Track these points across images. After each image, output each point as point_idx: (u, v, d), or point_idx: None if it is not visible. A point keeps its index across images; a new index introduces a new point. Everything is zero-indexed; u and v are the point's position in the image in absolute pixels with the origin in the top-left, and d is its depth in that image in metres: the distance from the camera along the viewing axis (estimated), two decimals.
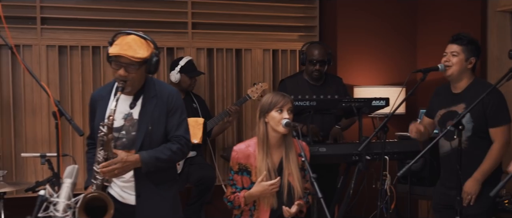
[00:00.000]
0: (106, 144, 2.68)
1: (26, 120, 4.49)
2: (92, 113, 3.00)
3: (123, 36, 2.80)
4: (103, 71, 4.64)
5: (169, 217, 2.95)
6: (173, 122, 2.88)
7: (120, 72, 2.74)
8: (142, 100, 2.86)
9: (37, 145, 4.50)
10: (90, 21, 4.65)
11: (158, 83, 2.97)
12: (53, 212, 2.27)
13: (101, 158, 2.68)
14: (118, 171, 2.71)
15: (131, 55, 2.71)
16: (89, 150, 3.07)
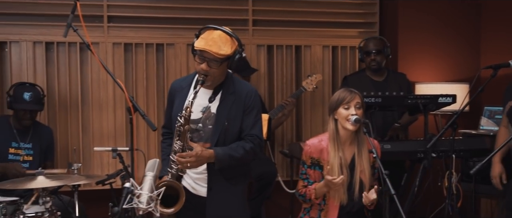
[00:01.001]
0: (182, 134, 2.74)
1: (93, 115, 4.64)
2: (171, 102, 3.06)
3: (210, 31, 2.84)
4: (167, 68, 4.74)
5: (238, 211, 3.01)
6: (249, 121, 2.93)
7: (202, 66, 2.80)
8: (221, 96, 2.92)
9: (103, 139, 4.64)
10: (154, 19, 4.76)
11: (237, 80, 3.01)
12: (137, 203, 2.35)
13: (178, 147, 2.75)
14: (191, 164, 2.77)
15: (215, 52, 2.75)
16: (165, 140, 3.15)
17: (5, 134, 3.92)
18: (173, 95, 3.06)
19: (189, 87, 2.99)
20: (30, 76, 4.46)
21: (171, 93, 3.08)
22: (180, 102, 2.96)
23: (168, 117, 3.10)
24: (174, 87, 3.08)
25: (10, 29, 4.47)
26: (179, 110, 2.91)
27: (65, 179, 3.23)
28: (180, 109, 2.91)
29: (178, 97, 3.00)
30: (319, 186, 3.07)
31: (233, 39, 2.86)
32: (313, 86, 4.57)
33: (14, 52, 4.49)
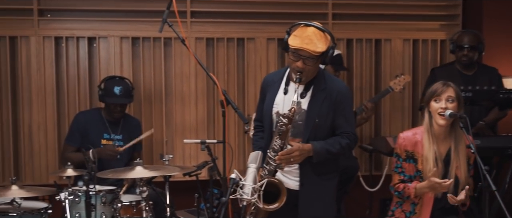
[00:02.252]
0: (284, 133, 2.77)
1: (176, 108, 4.76)
2: (263, 95, 3.11)
3: (303, 28, 2.85)
4: (247, 62, 4.80)
5: (328, 207, 3.02)
6: (342, 119, 2.94)
7: (298, 64, 2.81)
8: (312, 92, 2.93)
9: (185, 132, 4.76)
10: (235, 14, 4.82)
11: (328, 76, 3.02)
12: (241, 194, 2.40)
13: (278, 146, 2.78)
14: (294, 159, 2.81)
15: (312, 50, 2.77)
16: (256, 133, 3.19)
17: (98, 125, 4.08)
18: (265, 89, 3.09)
19: (280, 82, 3.03)
20: (117, 70, 4.62)
21: (263, 88, 3.12)
22: (271, 97, 3.01)
23: (260, 111, 3.15)
24: (267, 81, 3.12)
25: (99, 25, 4.65)
26: (269, 104, 2.95)
27: (162, 170, 3.33)
28: (270, 103, 2.95)
29: (269, 92, 3.04)
30: (420, 186, 3.02)
31: (326, 35, 2.87)
32: (400, 87, 4.49)
33: (102, 47, 4.66)
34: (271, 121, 2.98)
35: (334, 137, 2.94)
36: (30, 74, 4.56)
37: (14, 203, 3.21)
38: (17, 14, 4.56)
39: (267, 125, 3.00)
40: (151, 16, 4.71)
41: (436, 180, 2.90)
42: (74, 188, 3.25)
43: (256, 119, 3.21)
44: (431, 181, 2.92)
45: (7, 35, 4.52)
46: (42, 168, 4.63)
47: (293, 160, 2.82)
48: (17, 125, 4.61)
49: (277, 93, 3.00)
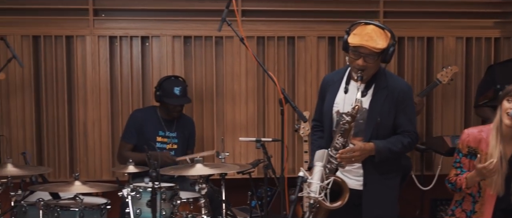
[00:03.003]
0: (346, 131, 2.77)
1: (226, 107, 4.79)
2: (322, 95, 3.12)
3: (362, 26, 2.88)
4: (297, 61, 4.80)
5: (392, 206, 3.01)
6: (404, 117, 2.93)
7: (358, 62, 2.82)
8: (373, 90, 2.92)
9: (236, 130, 4.79)
10: (286, 13, 4.83)
11: (389, 74, 3.02)
12: (308, 192, 2.41)
13: (340, 144, 2.78)
14: (355, 159, 2.81)
15: (372, 46, 2.78)
16: (315, 132, 3.20)
17: (153, 123, 4.15)
18: (324, 89, 3.10)
19: (340, 81, 3.04)
20: (169, 69, 4.68)
21: (323, 88, 3.13)
22: (331, 96, 3.01)
23: (319, 111, 3.16)
24: (327, 81, 3.13)
25: (152, 25, 4.72)
26: (330, 104, 2.96)
27: (222, 167, 3.37)
28: (331, 103, 2.96)
29: (329, 91, 3.04)
30: (470, 176, 2.99)
31: (386, 32, 2.87)
32: (448, 78, 4.44)
33: (154, 46, 4.73)
34: (331, 120, 2.98)
35: (395, 135, 2.92)
36: (85, 73, 4.67)
37: (77, 198, 3.30)
38: (73, 14, 4.67)
39: (327, 125, 3.00)
40: (203, 15, 4.76)
41: (481, 165, 2.84)
42: (135, 184, 3.32)
43: (315, 118, 3.23)
44: (478, 168, 2.88)
45: (64, 34, 4.63)
46: (96, 165, 4.73)
47: (354, 159, 2.83)
48: (72, 122, 4.72)
49: (338, 93, 3.00)
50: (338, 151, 2.78)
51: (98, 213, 3.44)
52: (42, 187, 3.36)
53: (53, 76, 4.65)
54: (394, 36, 2.90)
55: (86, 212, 3.36)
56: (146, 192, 3.32)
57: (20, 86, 4.60)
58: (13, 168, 3.42)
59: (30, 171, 3.53)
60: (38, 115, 4.70)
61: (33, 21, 4.62)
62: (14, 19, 4.60)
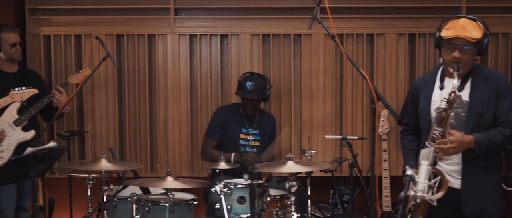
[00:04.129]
0: (444, 120, 2.73)
1: (304, 104, 4.79)
2: (412, 98, 3.09)
3: (454, 20, 2.88)
4: (376, 58, 4.75)
5: (494, 201, 2.93)
6: (504, 107, 2.86)
7: (454, 54, 2.81)
8: (471, 83, 2.90)
9: (313, 128, 4.79)
10: (365, 10, 4.78)
11: (484, 68, 3.00)
12: (414, 191, 2.38)
13: (437, 135, 2.74)
14: (452, 150, 2.76)
15: (468, 36, 2.77)
16: (405, 136, 3.16)
17: (237, 120, 4.20)
18: (417, 92, 3.07)
19: (433, 81, 3.01)
20: (247, 67, 4.72)
21: (414, 91, 3.10)
22: (426, 96, 2.98)
23: (409, 114, 3.14)
24: (418, 84, 3.11)
25: (231, 23, 4.78)
26: (426, 103, 2.93)
27: (314, 165, 3.38)
28: (427, 103, 2.93)
29: (423, 92, 3.01)
30: None
31: (478, 23, 2.87)
32: None
33: (233, 44, 4.78)
34: (429, 119, 2.94)
35: (495, 128, 2.86)
36: (166, 71, 4.77)
37: (169, 194, 3.37)
38: (155, 13, 4.78)
39: (425, 125, 2.95)
40: (281, 13, 4.78)
41: None
42: (226, 180, 3.37)
43: (405, 122, 3.19)
44: None
45: (146, 33, 4.74)
46: (175, 161, 4.83)
47: (452, 151, 2.77)
48: (153, 119, 4.84)
49: (433, 91, 2.97)
50: (436, 142, 2.74)
51: (186, 209, 3.51)
52: (137, 182, 3.45)
53: (135, 74, 4.77)
54: (487, 28, 2.87)
55: (175, 207, 3.43)
56: (237, 189, 3.37)
57: (103, 84, 4.75)
58: (107, 163, 3.53)
59: (123, 166, 3.64)
60: (121, 112, 4.83)
61: (117, 21, 4.76)
62: (99, 19, 4.75)
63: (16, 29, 4.07)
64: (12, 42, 3.97)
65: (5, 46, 3.96)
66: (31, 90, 3.70)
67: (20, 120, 3.91)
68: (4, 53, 3.99)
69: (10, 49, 3.97)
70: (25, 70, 4.21)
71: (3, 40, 3.95)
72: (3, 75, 4.01)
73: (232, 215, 3.32)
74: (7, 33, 3.96)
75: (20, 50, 4.06)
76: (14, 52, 4.00)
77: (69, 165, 3.74)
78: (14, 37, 3.99)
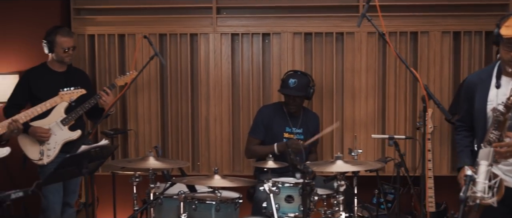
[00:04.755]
0: (501, 124, 2.67)
1: (346, 103, 4.76)
2: (467, 96, 3.03)
3: None
4: (419, 56, 4.69)
5: None
6: None
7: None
8: None
9: (355, 127, 4.76)
10: (409, 8, 4.73)
11: None
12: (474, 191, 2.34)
13: (494, 138, 2.69)
14: (510, 154, 2.69)
15: None
16: (459, 131, 3.12)
17: (281, 118, 4.19)
18: (471, 90, 3.01)
19: (489, 79, 2.94)
20: (289, 66, 4.71)
21: (469, 89, 3.04)
22: (482, 95, 2.92)
23: (463, 111, 3.09)
24: (472, 81, 3.04)
25: (272, 22, 4.77)
26: (482, 102, 2.87)
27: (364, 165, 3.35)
28: (483, 101, 2.86)
29: (479, 91, 2.95)
30: None
31: None
32: None
33: (275, 43, 4.78)
34: (485, 119, 2.88)
35: None
36: (208, 70, 4.79)
37: (217, 192, 3.38)
38: (198, 12, 4.81)
39: (480, 124, 2.90)
40: (323, 11, 4.76)
41: None
42: (274, 179, 3.36)
43: (459, 119, 3.14)
44: None
45: (188, 32, 4.77)
46: (217, 159, 4.85)
47: (509, 154, 2.71)
48: (195, 117, 4.87)
49: (489, 90, 2.91)
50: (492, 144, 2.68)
51: (232, 207, 3.52)
52: (185, 180, 3.47)
53: (177, 73, 4.81)
54: None
55: (221, 206, 3.44)
56: (285, 188, 3.37)
57: (146, 83, 4.79)
58: (155, 161, 3.56)
59: (170, 164, 3.66)
60: (163, 110, 4.87)
61: (160, 20, 4.80)
62: (142, 19, 4.80)
63: (71, 33, 4.14)
64: (66, 47, 4.04)
65: (58, 49, 4.03)
66: (79, 91, 3.77)
67: (67, 119, 3.98)
68: (56, 55, 4.06)
69: (62, 52, 4.04)
70: (73, 70, 4.26)
71: (57, 44, 4.02)
72: (53, 74, 4.09)
73: (280, 214, 3.32)
74: (62, 37, 4.03)
75: (72, 54, 4.12)
76: (65, 56, 4.07)
77: (117, 163, 3.78)
78: (68, 42, 4.05)
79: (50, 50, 4.05)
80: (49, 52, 4.08)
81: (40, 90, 3.98)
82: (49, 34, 4.05)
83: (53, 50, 4.04)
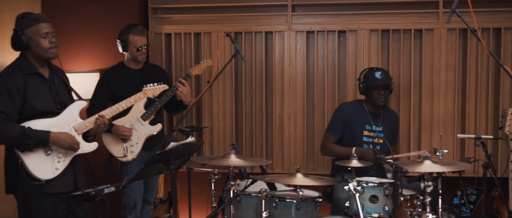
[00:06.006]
0: None
1: (424, 102, 4.65)
2: None
3: None
4: (503, 53, 4.53)
5: None
6: None
7: None
8: None
9: (434, 126, 4.64)
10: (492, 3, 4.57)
11: None
12: None
13: None
14: None
15: None
16: None
17: (360, 116, 4.13)
18: None
19: None
20: (365, 63, 4.64)
21: None
22: None
23: None
24: None
25: (348, 19, 4.71)
26: None
27: (453, 165, 3.26)
28: None
29: None
30: None
31: None
32: None
33: (351, 40, 4.71)
34: None
35: None
36: (282, 68, 4.78)
37: (299, 190, 3.37)
38: (273, 10, 4.81)
39: None
40: (401, 8, 4.66)
41: None
42: (358, 178, 3.32)
43: None
44: None
45: (263, 30, 4.78)
46: (290, 157, 4.84)
47: None
48: (268, 115, 4.87)
49: None
50: None
51: (312, 206, 3.49)
52: (268, 178, 3.47)
53: (251, 71, 4.83)
54: None
55: (302, 204, 3.42)
56: (369, 188, 3.31)
57: (221, 81, 4.83)
58: (236, 158, 3.57)
59: (251, 162, 3.67)
60: (237, 108, 4.90)
61: (235, 18, 4.83)
62: (218, 17, 4.85)
63: (144, 32, 4.16)
64: (139, 45, 4.08)
65: (131, 48, 4.08)
66: (162, 86, 3.81)
67: (147, 114, 4.05)
68: (130, 53, 4.13)
69: (136, 51, 4.09)
70: (150, 66, 4.34)
71: (130, 43, 4.07)
72: (130, 72, 4.16)
73: (363, 214, 3.26)
74: (135, 36, 4.07)
75: (146, 52, 4.16)
76: (139, 55, 4.11)
77: (198, 159, 3.83)
78: (141, 41, 4.09)
79: (124, 49, 4.11)
80: (123, 51, 4.13)
81: (119, 89, 4.05)
82: (122, 33, 4.11)
83: (127, 49, 4.10)
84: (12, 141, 3.00)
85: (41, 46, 3.11)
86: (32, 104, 3.07)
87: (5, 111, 2.98)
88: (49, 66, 3.27)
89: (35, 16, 3.15)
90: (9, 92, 3.00)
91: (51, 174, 3.10)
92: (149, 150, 4.03)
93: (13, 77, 3.04)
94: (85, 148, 3.27)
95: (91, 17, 4.88)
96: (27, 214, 3.10)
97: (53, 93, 3.20)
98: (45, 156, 3.10)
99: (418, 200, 3.42)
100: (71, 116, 3.24)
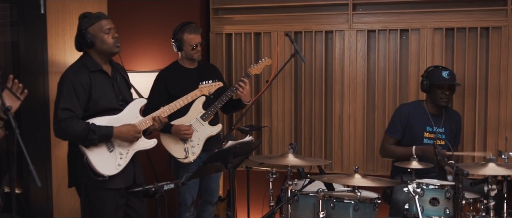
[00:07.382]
0: None
1: (490, 102, 4.49)
2: None
3: None
4: None
5: None
6: None
7: None
8: None
9: (501, 127, 4.47)
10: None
11: None
12: None
13: None
14: None
15: None
16: None
17: (421, 117, 4.03)
18: None
19: None
20: (428, 63, 4.53)
21: None
22: None
23: None
24: None
25: (411, 17, 4.61)
26: None
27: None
28: None
29: None
30: None
31: None
32: None
33: (413, 39, 4.61)
34: None
35: None
36: (342, 67, 4.74)
37: (357, 191, 3.33)
38: (333, 9, 4.77)
39: None
40: (466, 5, 4.52)
41: None
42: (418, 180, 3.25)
43: None
44: None
45: (323, 30, 4.75)
46: (350, 157, 4.79)
47: None
48: (328, 115, 4.84)
49: None
50: None
51: (371, 207, 3.44)
52: (325, 178, 3.45)
53: (311, 70, 4.81)
54: None
55: (360, 205, 3.38)
56: (429, 190, 3.24)
57: (281, 80, 4.85)
58: (295, 158, 3.57)
59: (309, 162, 3.67)
60: (296, 107, 4.90)
61: (295, 18, 4.84)
62: (278, 17, 4.86)
63: (199, 30, 4.11)
64: (194, 44, 4.05)
65: (186, 47, 4.05)
66: (217, 84, 3.79)
67: (207, 115, 4.03)
68: (185, 52, 4.08)
69: (191, 50, 4.06)
70: (204, 65, 4.31)
71: (185, 41, 4.04)
72: (185, 72, 4.14)
73: (423, 217, 3.19)
74: (189, 34, 4.03)
75: (200, 50, 4.13)
76: (194, 53, 4.07)
77: (256, 158, 3.85)
78: (196, 39, 4.05)
79: (179, 48, 4.08)
80: (177, 50, 4.10)
81: (176, 89, 4.00)
82: (176, 32, 4.07)
83: (181, 48, 4.06)
84: (78, 137, 3.11)
85: (106, 42, 3.21)
86: (97, 102, 3.19)
87: (71, 108, 3.11)
88: (111, 64, 3.37)
89: (97, 14, 3.26)
90: (75, 90, 3.12)
91: (114, 170, 3.21)
92: (208, 151, 3.98)
93: (79, 75, 3.17)
94: (146, 144, 3.36)
95: (154, 17, 4.99)
96: (89, 208, 3.22)
97: (116, 90, 3.31)
98: (108, 153, 3.21)
99: (482, 204, 3.31)
100: (133, 113, 3.33)
